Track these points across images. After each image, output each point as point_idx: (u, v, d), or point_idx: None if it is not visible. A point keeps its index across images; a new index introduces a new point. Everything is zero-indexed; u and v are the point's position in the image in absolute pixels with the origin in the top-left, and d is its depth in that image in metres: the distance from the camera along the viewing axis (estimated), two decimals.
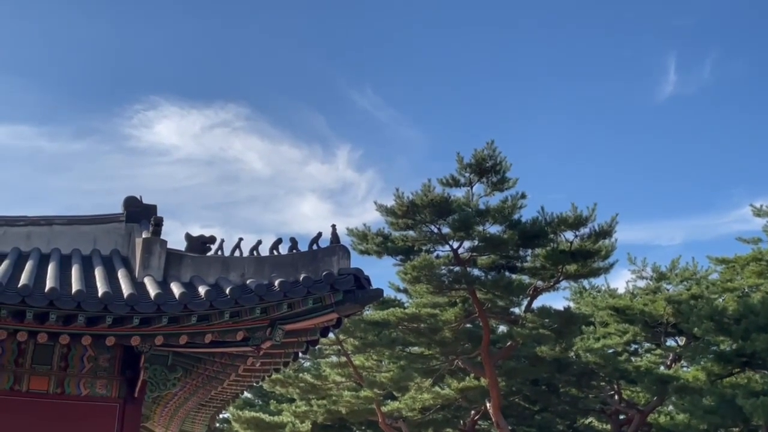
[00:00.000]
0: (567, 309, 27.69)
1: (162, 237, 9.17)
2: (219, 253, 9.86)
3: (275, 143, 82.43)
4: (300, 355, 10.75)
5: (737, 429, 23.24)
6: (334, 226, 9.47)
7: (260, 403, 43.61)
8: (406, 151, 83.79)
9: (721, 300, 27.00)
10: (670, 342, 30.89)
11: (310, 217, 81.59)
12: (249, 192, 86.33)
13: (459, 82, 77.27)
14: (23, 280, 8.08)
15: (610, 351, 29.25)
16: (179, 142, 79.38)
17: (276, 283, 8.65)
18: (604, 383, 29.89)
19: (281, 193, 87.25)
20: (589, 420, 33.41)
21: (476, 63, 76.42)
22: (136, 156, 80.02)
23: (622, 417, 30.53)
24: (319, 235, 9.45)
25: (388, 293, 33.49)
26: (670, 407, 28.10)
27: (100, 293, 7.97)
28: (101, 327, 8.00)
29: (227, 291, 8.38)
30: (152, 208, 10.87)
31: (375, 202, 25.67)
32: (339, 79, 78.81)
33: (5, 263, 8.89)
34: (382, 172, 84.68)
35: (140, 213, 10.80)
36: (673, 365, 29.33)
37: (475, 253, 25.66)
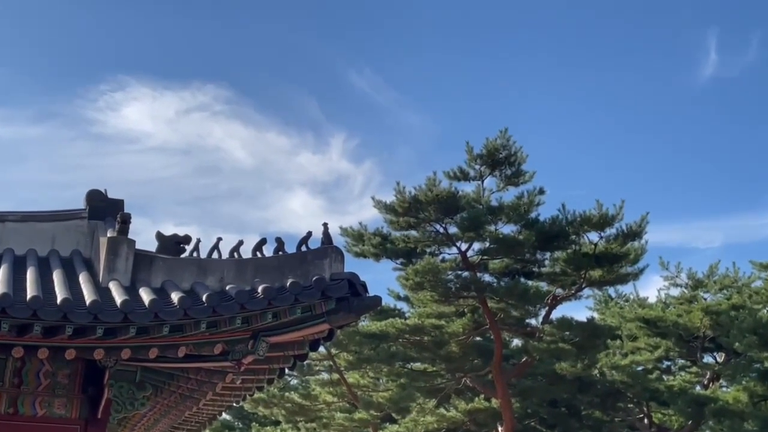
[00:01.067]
0: (590, 320, 27.76)
1: (130, 236, 9.16)
2: (195, 254, 9.89)
3: (261, 130, 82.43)
4: (286, 371, 10.75)
5: None
6: (325, 225, 9.49)
7: (241, 426, 43.72)
8: (410, 140, 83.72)
9: (765, 311, 27.05)
10: (708, 358, 30.96)
11: (300, 215, 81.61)
12: (230, 185, 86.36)
13: (469, 63, 77.42)
14: None
15: (639, 368, 29.29)
16: (151, 128, 79.34)
17: (259, 289, 8.66)
18: (632, 405, 29.95)
19: (267, 187, 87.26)
20: None
21: (490, 42, 76.59)
22: (101, 143, 79.98)
23: None
24: (309, 234, 9.46)
25: (387, 301, 33.52)
26: None
27: (58, 300, 7.95)
28: (60, 338, 7.97)
29: (204, 298, 8.39)
30: (119, 203, 10.85)
31: (373, 198, 25.69)
32: (334, 57, 78.89)
33: None
34: (382, 164, 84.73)
35: (105, 209, 10.75)
36: (710, 385, 29.35)
37: (486, 257, 25.74)
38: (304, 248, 9.36)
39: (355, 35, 78.37)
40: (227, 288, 8.77)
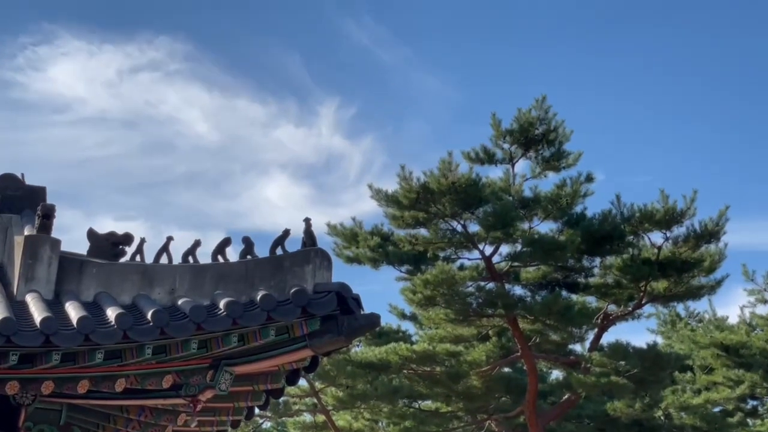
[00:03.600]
0: (652, 346, 27.71)
1: (54, 235, 9.16)
2: (138, 258, 9.91)
3: (228, 96, 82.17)
4: (257, 411, 10.85)
5: None
6: (308, 221, 9.51)
7: None
8: (422, 111, 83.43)
9: None
10: None
11: (277, 207, 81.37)
12: (188, 168, 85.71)
13: (498, 15, 77.23)
14: None
15: (717, 409, 29.31)
16: (85, 93, 79.01)
17: (221, 304, 8.68)
18: None
19: (236, 170, 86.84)
20: None
21: None
22: (19, 113, 79.44)
23: None
24: (287, 233, 9.49)
25: (388, 321, 33.62)
26: None
27: None
28: None
29: (149, 315, 8.40)
30: (40, 192, 10.85)
31: (370, 186, 25.64)
32: (325, 1, 78.52)
33: None
34: (385, 141, 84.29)
35: (21, 199, 10.77)
36: None
37: (517, 263, 25.76)
38: (280, 251, 9.37)
39: None
40: (179, 302, 8.80)
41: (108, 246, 9.78)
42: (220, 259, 9.55)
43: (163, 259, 9.79)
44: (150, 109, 79.10)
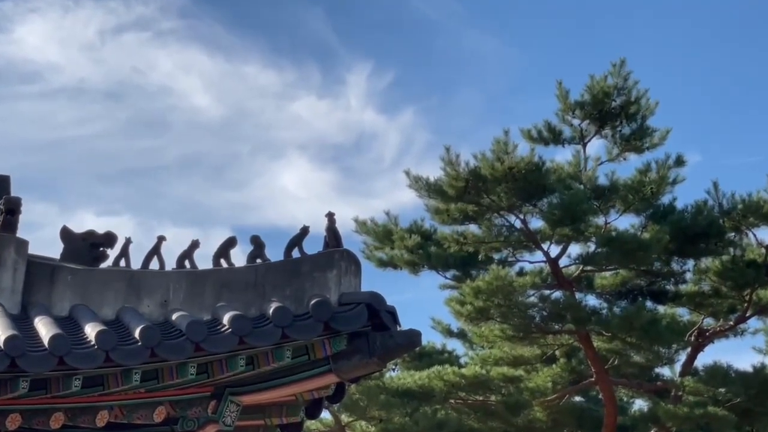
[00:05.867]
0: (760, 369, 27.40)
1: (20, 234, 9.22)
2: (123, 263, 9.92)
3: (234, 61, 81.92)
4: None
5: None
6: (331, 216, 9.52)
7: None
8: (475, 78, 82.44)
9: None
10: None
11: (295, 197, 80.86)
12: (184, 150, 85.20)
13: None
14: None
15: None
16: (60, 58, 79.14)
17: (225, 318, 8.68)
18: None
19: (243, 153, 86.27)
20: None
21: None
22: None
23: None
24: (305, 231, 9.51)
25: (430, 338, 33.44)
26: None
27: None
28: None
29: (136, 333, 8.41)
30: (2, 182, 10.88)
31: (407, 173, 25.69)
32: None
33: None
34: (429, 115, 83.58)
35: None
36: None
37: (590, 267, 25.76)
38: (297, 253, 9.37)
39: None
40: (174, 317, 8.81)
41: (86, 248, 9.88)
42: (224, 263, 9.56)
43: (154, 264, 9.81)
44: (138, 77, 78.58)
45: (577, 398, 28.91)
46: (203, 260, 9.72)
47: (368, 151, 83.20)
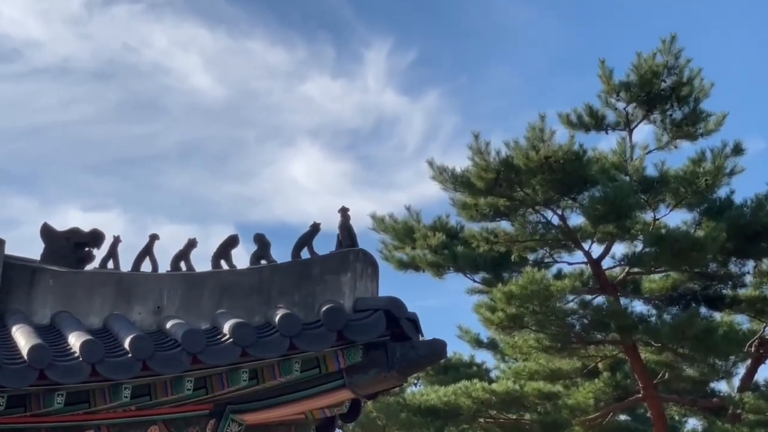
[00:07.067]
0: None
1: None
2: (111, 264, 9.98)
3: (238, 36, 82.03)
4: None
5: None
6: (345, 212, 9.59)
7: None
8: (508, 54, 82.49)
9: None
10: None
11: (305, 189, 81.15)
12: (182, 137, 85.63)
13: None
14: None
15: None
16: (42, 34, 79.33)
17: (226, 327, 8.70)
18: None
19: (248, 140, 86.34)
20: None
21: None
22: None
23: None
24: (316, 228, 9.57)
25: (457, 349, 33.64)
26: None
27: None
28: None
29: (126, 343, 8.42)
30: None
31: (431, 163, 25.80)
32: None
33: None
34: (457, 97, 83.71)
35: None
36: None
37: (637, 269, 25.77)
38: (306, 253, 9.44)
39: None
40: (168, 325, 8.83)
41: (70, 247, 9.90)
42: (224, 264, 9.60)
43: (146, 266, 9.85)
44: (130, 55, 78.53)
45: (622, 417, 28.93)
46: (201, 261, 9.79)
47: (388, 138, 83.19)
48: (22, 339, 8.39)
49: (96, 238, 10.05)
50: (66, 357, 8.28)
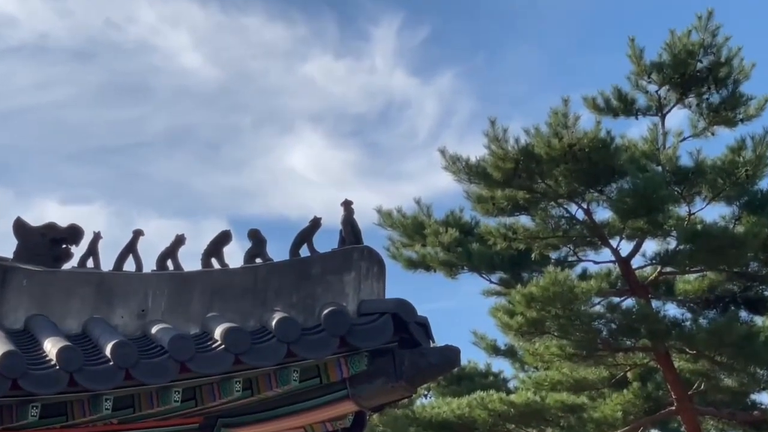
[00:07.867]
0: None
1: None
2: (90, 262, 10.05)
3: (232, 12, 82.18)
4: None
5: None
6: (348, 205, 9.64)
7: None
8: (529, 32, 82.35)
9: None
10: None
11: (305, 180, 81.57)
12: (171, 122, 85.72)
13: None
14: None
15: None
16: (16, 10, 79.60)
17: (218, 332, 8.71)
18: None
19: (243, 126, 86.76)
20: None
21: None
22: None
23: None
24: (316, 223, 9.63)
25: (472, 356, 33.73)
26: None
27: None
28: None
29: (107, 350, 8.42)
30: None
31: (442, 152, 25.86)
32: None
33: None
34: (473, 79, 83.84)
35: None
36: None
37: (670, 268, 25.87)
38: (306, 250, 9.49)
39: None
40: (154, 330, 8.85)
41: (46, 244, 9.96)
42: (216, 263, 9.64)
43: (130, 264, 9.89)
44: (113, 32, 78.73)
45: (654, 431, 28.80)
46: (191, 259, 9.79)
47: (397, 124, 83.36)
48: None
49: (74, 233, 10.11)
50: (41, 365, 8.29)
